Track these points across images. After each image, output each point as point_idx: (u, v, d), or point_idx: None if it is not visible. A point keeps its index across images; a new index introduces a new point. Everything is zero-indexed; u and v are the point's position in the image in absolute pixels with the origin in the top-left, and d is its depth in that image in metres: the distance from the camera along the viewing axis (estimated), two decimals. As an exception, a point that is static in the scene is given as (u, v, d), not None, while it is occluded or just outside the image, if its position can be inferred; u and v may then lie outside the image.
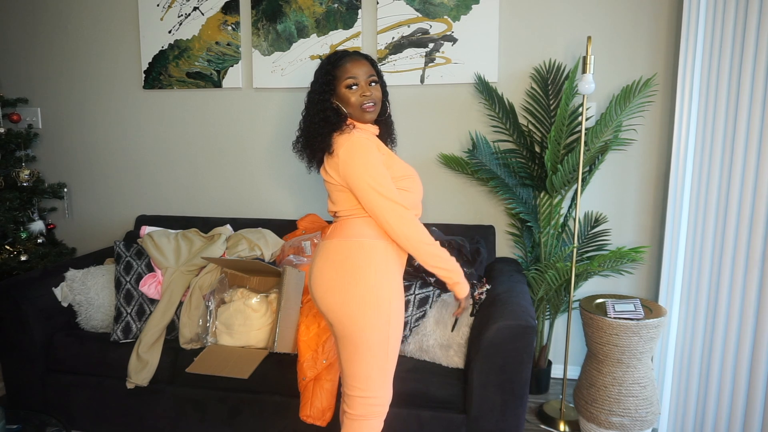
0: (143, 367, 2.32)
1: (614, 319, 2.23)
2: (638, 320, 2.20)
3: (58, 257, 3.15)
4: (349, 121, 1.73)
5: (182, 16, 3.03)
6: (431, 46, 2.78)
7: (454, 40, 2.75)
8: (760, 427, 2.25)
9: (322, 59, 1.79)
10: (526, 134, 2.69)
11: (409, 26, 2.79)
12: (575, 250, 2.46)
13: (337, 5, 2.85)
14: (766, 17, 2.10)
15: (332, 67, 1.72)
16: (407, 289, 2.27)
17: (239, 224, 2.94)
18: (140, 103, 3.20)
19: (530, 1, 2.70)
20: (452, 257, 1.70)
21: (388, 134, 1.87)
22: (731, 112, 2.23)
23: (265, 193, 3.13)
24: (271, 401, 2.25)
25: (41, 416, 2.01)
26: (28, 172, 3.09)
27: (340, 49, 2.24)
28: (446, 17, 2.75)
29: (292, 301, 2.22)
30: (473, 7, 2.71)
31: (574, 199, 2.71)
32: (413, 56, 2.81)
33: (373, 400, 1.70)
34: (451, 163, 2.78)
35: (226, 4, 2.97)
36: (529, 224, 2.70)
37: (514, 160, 2.70)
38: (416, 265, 2.35)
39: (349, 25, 2.86)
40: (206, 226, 2.95)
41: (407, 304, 2.24)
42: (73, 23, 3.20)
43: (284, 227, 2.90)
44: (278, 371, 2.23)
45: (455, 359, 2.18)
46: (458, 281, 1.71)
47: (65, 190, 3.30)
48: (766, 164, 2.15)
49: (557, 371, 2.96)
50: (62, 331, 2.50)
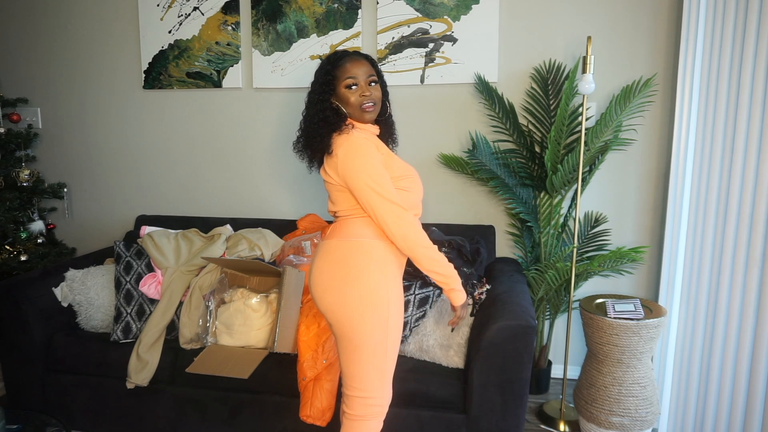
0: (143, 367, 2.32)
1: (614, 319, 2.23)
2: (638, 320, 2.20)
3: (58, 257, 3.15)
4: (348, 121, 1.73)
5: (182, 16, 3.03)
6: (431, 46, 2.78)
7: (454, 40, 2.75)
8: (760, 427, 2.25)
9: (322, 59, 1.79)
10: (526, 134, 2.69)
11: (409, 26, 2.79)
12: (575, 250, 2.46)
13: (337, 5, 2.85)
14: (766, 17, 2.10)
15: (332, 67, 1.71)
16: (407, 289, 2.27)
17: (239, 224, 2.94)
18: (140, 103, 3.20)
19: (530, 1, 2.70)
20: (450, 264, 1.68)
21: (389, 134, 1.87)
22: (731, 112, 2.23)
23: (265, 193, 3.13)
24: (271, 401, 2.25)
25: (41, 416, 2.01)
26: (28, 172, 3.09)
27: (340, 49, 2.24)
28: (446, 17, 2.74)
29: (292, 301, 2.22)
30: (473, 7, 2.71)
31: (574, 199, 2.71)
32: (413, 56, 2.81)
33: (371, 400, 1.70)
34: (451, 163, 2.78)
35: (226, 4, 2.97)
36: (529, 224, 2.70)
37: (514, 160, 2.70)
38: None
39: (349, 25, 2.85)
40: (206, 226, 2.95)
41: (407, 304, 2.24)
42: (73, 23, 3.20)
43: (284, 227, 2.90)
44: (278, 371, 2.23)
45: (455, 359, 2.18)
46: (455, 288, 1.69)
47: (65, 190, 3.30)
48: (766, 164, 2.15)
49: (557, 371, 2.96)
50: (62, 331, 2.50)
